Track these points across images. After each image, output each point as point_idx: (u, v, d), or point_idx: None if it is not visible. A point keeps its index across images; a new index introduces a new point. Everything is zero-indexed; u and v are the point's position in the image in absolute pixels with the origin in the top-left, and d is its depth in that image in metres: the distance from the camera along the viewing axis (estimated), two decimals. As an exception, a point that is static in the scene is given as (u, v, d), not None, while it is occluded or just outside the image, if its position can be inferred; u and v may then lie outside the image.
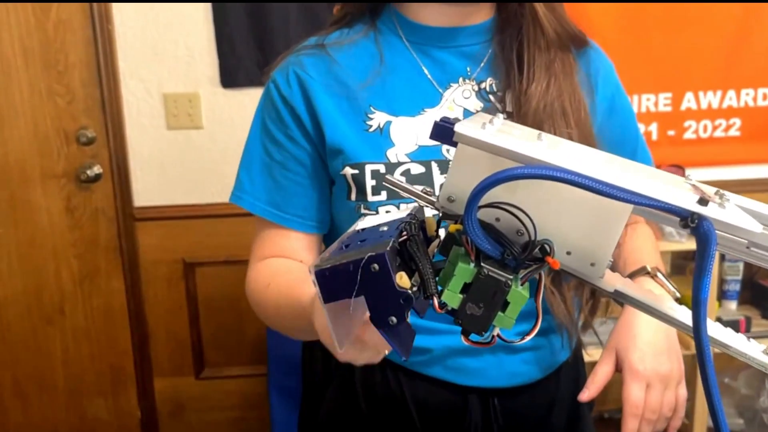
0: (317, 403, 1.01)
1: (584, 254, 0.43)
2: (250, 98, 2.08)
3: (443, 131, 0.42)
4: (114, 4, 2.01)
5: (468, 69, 0.89)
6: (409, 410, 0.90)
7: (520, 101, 0.86)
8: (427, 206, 0.46)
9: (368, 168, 0.85)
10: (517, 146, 0.40)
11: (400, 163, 0.85)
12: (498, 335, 0.45)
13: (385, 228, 0.44)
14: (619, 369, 0.86)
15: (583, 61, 0.92)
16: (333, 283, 0.42)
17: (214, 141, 2.11)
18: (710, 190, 0.42)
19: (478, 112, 0.88)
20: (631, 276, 0.92)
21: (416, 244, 0.44)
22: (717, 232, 0.38)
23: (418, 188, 0.47)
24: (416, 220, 0.46)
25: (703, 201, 0.38)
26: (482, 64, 0.90)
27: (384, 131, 0.86)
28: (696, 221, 0.38)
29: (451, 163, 0.43)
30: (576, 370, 1.00)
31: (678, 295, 0.90)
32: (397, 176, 0.83)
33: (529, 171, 0.37)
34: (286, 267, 0.90)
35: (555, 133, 0.84)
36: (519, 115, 0.85)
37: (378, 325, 0.42)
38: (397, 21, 0.90)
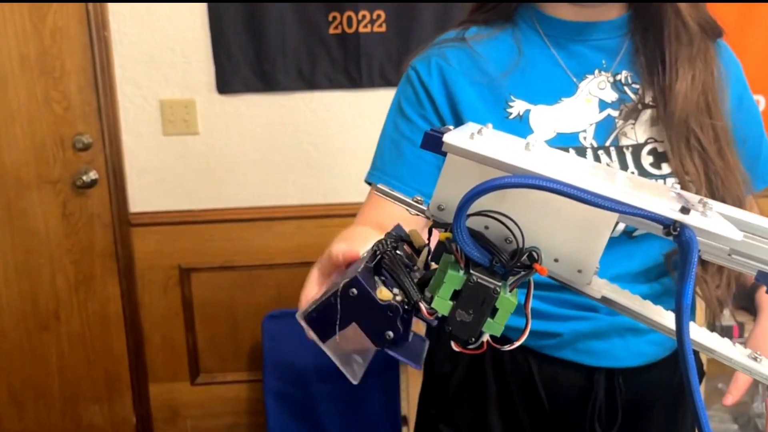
0: (446, 376, 1.03)
1: (571, 261, 0.44)
2: (246, 104, 2.09)
3: (433, 141, 0.43)
4: (110, 11, 2.02)
5: (604, 62, 0.92)
6: (538, 389, 0.95)
7: (665, 98, 0.88)
8: (417, 215, 0.47)
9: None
10: (505, 156, 0.41)
11: None
12: (488, 341, 0.46)
13: (363, 253, 0.46)
14: None
15: (719, 54, 0.94)
16: (323, 321, 0.43)
17: (210, 147, 2.12)
18: (694, 199, 0.43)
19: (613, 102, 0.91)
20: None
21: (389, 257, 0.45)
22: (699, 239, 0.39)
23: (408, 198, 0.48)
24: (392, 237, 0.48)
25: (685, 210, 0.39)
26: (618, 58, 0.92)
27: (524, 118, 0.89)
28: (678, 229, 0.39)
29: (441, 172, 0.44)
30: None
31: None
32: None
33: (517, 180, 0.38)
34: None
35: (701, 129, 0.87)
36: (666, 112, 0.88)
37: (380, 346, 0.43)
38: (535, 16, 0.94)
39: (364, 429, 1.03)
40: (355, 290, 0.42)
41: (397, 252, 0.46)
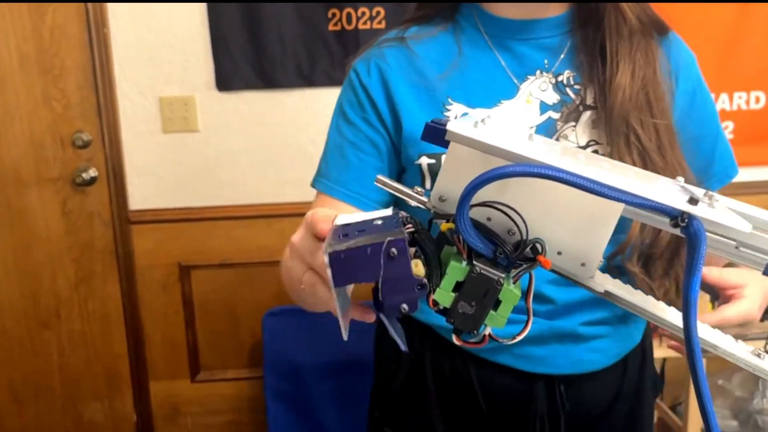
0: (389, 379, 1.03)
1: (575, 254, 0.44)
2: (245, 102, 2.09)
3: (435, 132, 0.43)
4: (109, 9, 2.02)
5: (546, 62, 0.91)
6: (476, 395, 0.93)
7: (604, 93, 0.87)
8: (419, 206, 0.47)
9: (444, 158, 0.85)
10: (509, 145, 0.40)
11: None
12: (490, 334, 0.46)
13: (380, 222, 0.44)
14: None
15: (666, 50, 0.92)
16: (348, 266, 0.40)
17: (209, 144, 2.11)
18: (699, 192, 0.42)
19: (554, 104, 0.89)
20: None
21: (425, 236, 0.44)
22: (707, 232, 0.38)
23: (408, 188, 0.47)
24: (412, 217, 0.46)
25: (693, 200, 0.38)
26: (561, 57, 0.91)
27: None
28: (686, 220, 0.38)
29: (443, 162, 0.44)
30: (643, 358, 1.01)
31: None
32: None
33: (521, 169, 0.38)
34: None
35: (641, 126, 0.85)
36: (604, 108, 0.86)
37: (387, 314, 0.42)
38: (477, 14, 0.92)
39: (363, 426, 1.03)
40: (395, 251, 0.39)
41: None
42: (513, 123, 0.88)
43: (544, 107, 0.89)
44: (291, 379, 2.05)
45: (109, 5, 2.01)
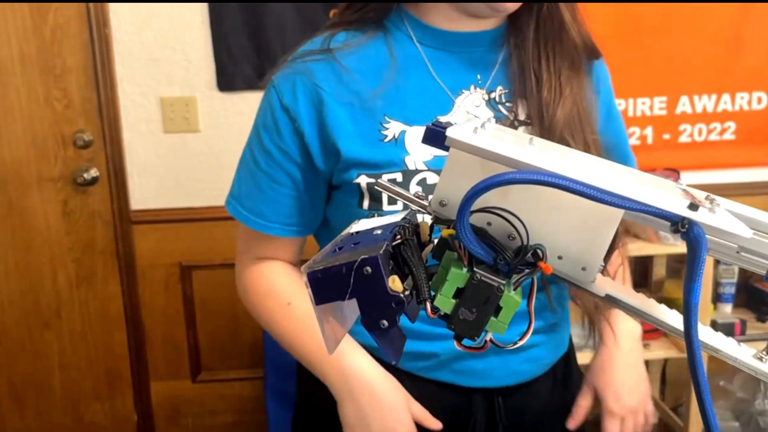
0: (313, 408, 1.01)
1: (575, 259, 0.44)
2: (246, 102, 2.09)
3: (435, 135, 0.43)
4: (111, 9, 2.02)
5: (479, 77, 0.88)
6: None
7: (541, 112, 0.86)
8: (419, 211, 0.46)
9: (385, 177, 0.83)
10: (509, 151, 0.40)
11: (418, 171, 0.83)
12: (491, 340, 0.46)
13: (379, 231, 0.44)
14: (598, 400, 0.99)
15: (590, 69, 0.93)
16: (325, 285, 0.42)
17: (210, 145, 2.12)
18: (701, 195, 0.42)
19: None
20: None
21: (410, 248, 0.44)
22: (708, 237, 0.38)
23: (409, 193, 0.47)
24: (410, 224, 0.46)
25: (694, 206, 0.38)
26: (493, 72, 0.89)
27: (399, 141, 0.84)
28: (687, 226, 0.38)
29: (443, 167, 0.44)
30: (566, 365, 1.03)
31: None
32: (412, 185, 0.83)
33: (522, 176, 0.38)
34: (297, 290, 0.94)
35: (577, 142, 0.86)
36: (542, 127, 0.86)
37: (369, 329, 0.42)
38: (408, 22, 0.88)
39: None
40: (369, 269, 0.40)
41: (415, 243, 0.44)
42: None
43: None
44: (292, 380, 2.05)
45: (111, 5, 2.01)
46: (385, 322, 0.42)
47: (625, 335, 0.99)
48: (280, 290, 0.94)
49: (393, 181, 0.83)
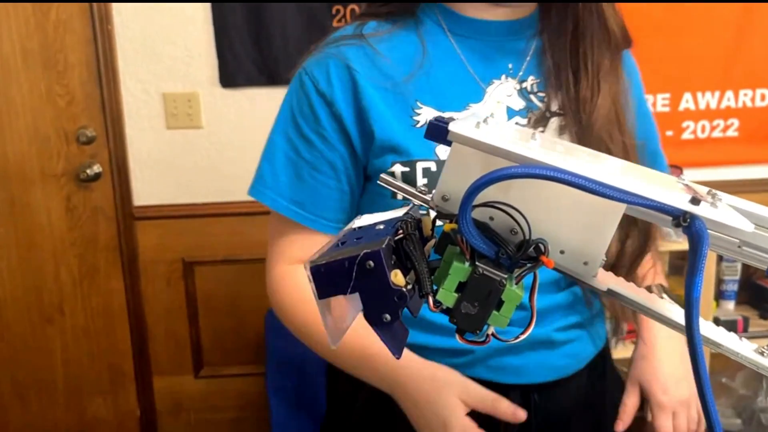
0: (347, 408, 0.99)
1: (577, 253, 0.44)
2: (249, 98, 2.09)
3: (438, 130, 0.43)
4: (114, 5, 2.02)
5: (510, 66, 0.87)
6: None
7: (580, 109, 0.83)
8: (422, 205, 0.47)
9: (419, 166, 0.82)
10: (511, 145, 0.40)
11: None
12: (493, 334, 0.46)
13: (382, 226, 0.45)
14: (645, 396, 0.94)
15: (623, 61, 0.90)
16: (328, 279, 0.42)
17: (213, 141, 2.12)
18: (702, 190, 0.42)
19: (521, 110, 0.87)
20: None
21: (412, 242, 0.44)
22: (709, 231, 0.38)
23: (412, 187, 0.47)
24: (413, 219, 0.46)
25: (696, 200, 0.38)
26: (525, 62, 0.87)
27: None
28: (688, 220, 0.38)
29: (445, 162, 0.44)
30: (603, 361, 1.00)
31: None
32: (419, 177, 0.82)
33: (523, 170, 0.38)
34: None
35: (612, 141, 0.83)
36: (580, 125, 0.84)
37: (371, 323, 0.42)
38: (439, 11, 0.87)
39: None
40: (372, 263, 0.40)
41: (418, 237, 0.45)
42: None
43: (510, 112, 0.86)
44: (294, 376, 2.05)
45: (113, 1, 2.01)
46: (388, 316, 0.42)
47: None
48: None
49: (428, 170, 0.82)
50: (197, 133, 2.11)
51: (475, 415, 0.89)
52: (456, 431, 0.83)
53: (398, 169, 0.83)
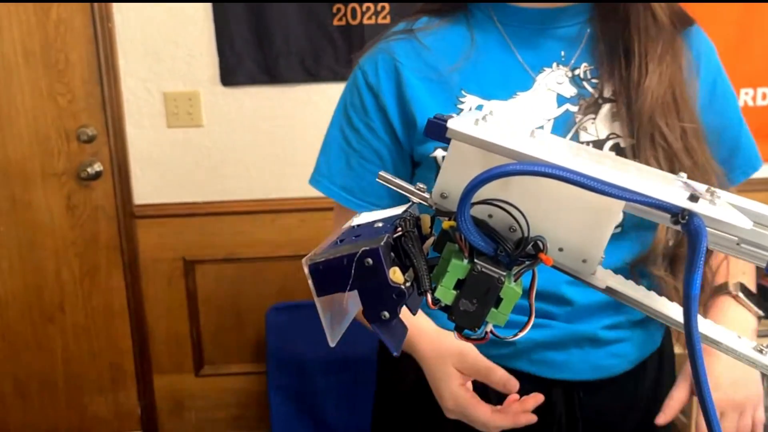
0: (395, 382, 1.02)
1: (576, 251, 0.44)
2: (249, 97, 2.09)
3: (436, 128, 0.43)
4: (114, 4, 2.02)
5: (562, 53, 0.88)
6: (491, 402, 0.89)
7: (630, 94, 0.83)
8: (420, 202, 0.47)
9: (445, 154, 0.84)
10: (510, 143, 0.40)
11: None
12: (491, 331, 0.46)
13: (381, 224, 0.45)
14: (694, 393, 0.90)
15: (688, 43, 0.89)
16: (326, 276, 0.42)
17: (214, 139, 2.12)
18: (701, 188, 0.42)
19: (572, 97, 0.87)
20: (715, 292, 0.92)
21: (411, 240, 0.44)
22: (708, 228, 0.38)
23: (411, 185, 0.48)
24: (412, 216, 0.47)
25: (694, 197, 0.38)
26: (578, 50, 0.88)
27: None
28: (687, 217, 0.38)
29: (444, 159, 0.44)
30: (660, 363, 0.99)
31: (761, 314, 0.91)
32: None
33: (522, 168, 0.38)
34: None
35: (667, 125, 0.82)
36: (627, 106, 0.84)
37: (370, 320, 0.43)
38: (490, 4, 0.89)
39: (366, 421, 1.04)
40: (371, 261, 0.41)
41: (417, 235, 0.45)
42: (522, 117, 0.86)
43: (561, 100, 0.87)
44: (294, 374, 2.06)
45: (114, 1, 2.01)
46: (387, 314, 0.42)
47: (731, 325, 0.91)
48: None
49: None
50: (198, 132, 2.11)
51: (543, 413, 0.89)
52: (448, 402, 0.85)
53: (440, 153, 0.86)
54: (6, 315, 2.22)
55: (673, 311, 0.48)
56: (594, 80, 0.87)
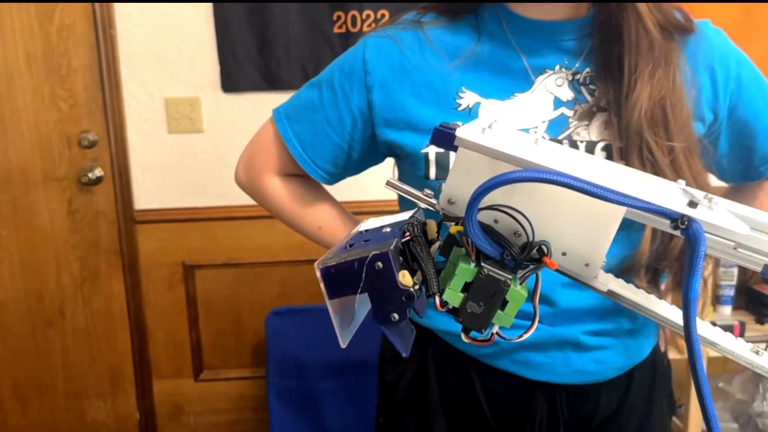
0: (390, 394, 1.03)
1: (579, 255, 0.45)
2: (250, 102, 2.10)
3: (444, 136, 0.44)
4: (116, 10, 2.03)
5: (566, 61, 0.89)
6: (479, 400, 0.93)
7: (619, 106, 0.84)
8: (428, 208, 0.48)
9: (453, 161, 0.84)
10: (515, 150, 0.42)
11: None
12: (497, 333, 0.47)
13: (389, 229, 0.46)
14: None
15: (689, 52, 0.89)
16: (338, 280, 0.43)
17: (214, 145, 2.13)
18: (699, 194, 0.44)
19: (568, 101, 0.88)
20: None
21: (419, 244, 0.45)
22: (706, 233, 0.40)
23: (418, 191, 0.49)
24: (418, 222, 0.48)
25: (693, 204, 0.39)
26: (581, 58, 0.89)
27: (473, 111, 0.87)
28: (686, 223, 0.39)
29: (451, 166, 0.45)
30: (653, 371, 1.00)
31: None
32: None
33: (527, 174, 0.39)
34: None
35: (655, 141, 0.82)
36: (620, 122, 0.84)
37: (380, 322, 0.44)
38: (501, 12, 0.89)
39: (366, 425, 1.04)
40: (381, 264, 0.42)
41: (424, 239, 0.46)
42: (517, 118, 0.87)
43: (557, 103, 0.87)
44: (294, 378, 2.06)
45: (116, 5, 2.03)
46: (396, 316, 0.43)
47: None
48: (308, 205, 1.06)
49: None
50: (199, 138, 2.12)
51: (506, 420, 0.92)
52: None
53: (432, 149, 0.87)
54: (6, 319, 2.22)
55: (672, 314, 0.49)
56: (592, 86, 0.88)
